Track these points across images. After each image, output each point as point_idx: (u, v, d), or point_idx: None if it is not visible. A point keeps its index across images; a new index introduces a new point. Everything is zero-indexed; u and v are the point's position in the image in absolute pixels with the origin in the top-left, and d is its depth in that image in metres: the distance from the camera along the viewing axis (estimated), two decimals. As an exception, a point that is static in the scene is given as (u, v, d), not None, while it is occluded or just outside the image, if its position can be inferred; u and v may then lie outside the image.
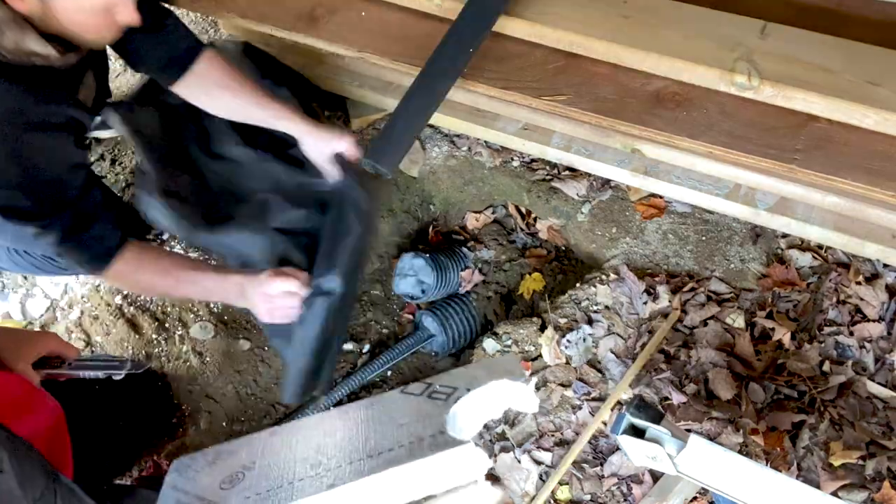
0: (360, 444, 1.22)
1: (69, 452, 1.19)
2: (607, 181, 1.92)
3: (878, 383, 1.54)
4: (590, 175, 1.93)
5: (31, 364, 1.20)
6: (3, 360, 1.18)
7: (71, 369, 1.20)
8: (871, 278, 1.67)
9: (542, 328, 1.75)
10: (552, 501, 1.51)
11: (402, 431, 1.21)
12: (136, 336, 1.98)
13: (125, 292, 2.07)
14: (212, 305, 2.03)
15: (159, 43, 1.48)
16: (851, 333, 1.62)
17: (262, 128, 1.62)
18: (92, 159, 2.28)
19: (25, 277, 2.12)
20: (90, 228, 1.28)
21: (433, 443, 1.18)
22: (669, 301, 1.70)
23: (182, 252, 2.01)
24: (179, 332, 2.00)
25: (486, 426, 1.64)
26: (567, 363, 1.68)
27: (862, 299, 1.65)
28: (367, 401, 1.30)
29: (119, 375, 1.17)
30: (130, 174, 2.26)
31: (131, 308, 2.03)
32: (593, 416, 1.59)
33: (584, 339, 1.70)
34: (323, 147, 1.57)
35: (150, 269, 1.39)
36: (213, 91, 1.56)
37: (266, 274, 1.43)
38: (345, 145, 1.55)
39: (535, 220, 2.10)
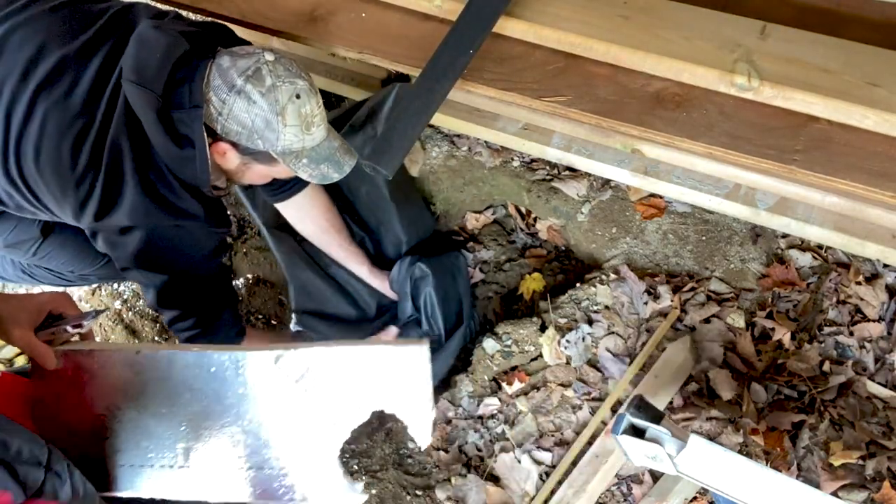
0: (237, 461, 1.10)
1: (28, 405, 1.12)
2: (607, 181, 1.92)
3: (878, 383, 1.54)
4: (590, 175, 1.93)
5: (36, 328, 1.10)
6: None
7: (66, 326, 1.14)
8: (871, 278, 1.67)
9: (543, 328, 1.75)
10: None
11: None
12: (136, 341, 1.98)
13: (125, 297, 2.07)
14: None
15: None
16: (851, 333, 1.62)
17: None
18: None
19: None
20: (220, 319, 1.58)
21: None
22: (670, 301, 1.71)
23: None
24: (180, 333, 2.00)
25: (486, 426, 1.64)
26: (567, 363, 1.68)
27: (862, 299, 1.65)
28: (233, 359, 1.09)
29: (89, 320, 1.18)
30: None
31: (130, 313, 2.03)
32: (593, 415, 1.59)
33: (584, 339, 1.70)
34: (380, 286, 1.97)
35: None
36: (307, 220, 1.85)
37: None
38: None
39: (535, 220, 2.10)
